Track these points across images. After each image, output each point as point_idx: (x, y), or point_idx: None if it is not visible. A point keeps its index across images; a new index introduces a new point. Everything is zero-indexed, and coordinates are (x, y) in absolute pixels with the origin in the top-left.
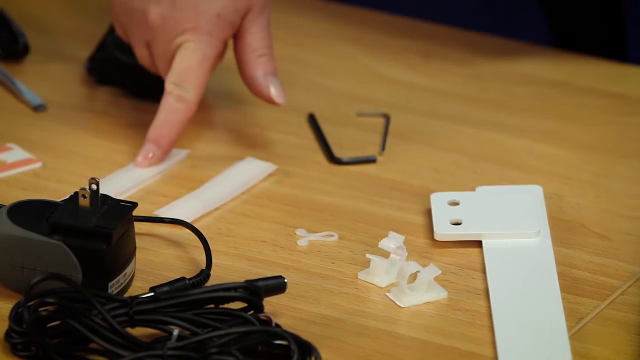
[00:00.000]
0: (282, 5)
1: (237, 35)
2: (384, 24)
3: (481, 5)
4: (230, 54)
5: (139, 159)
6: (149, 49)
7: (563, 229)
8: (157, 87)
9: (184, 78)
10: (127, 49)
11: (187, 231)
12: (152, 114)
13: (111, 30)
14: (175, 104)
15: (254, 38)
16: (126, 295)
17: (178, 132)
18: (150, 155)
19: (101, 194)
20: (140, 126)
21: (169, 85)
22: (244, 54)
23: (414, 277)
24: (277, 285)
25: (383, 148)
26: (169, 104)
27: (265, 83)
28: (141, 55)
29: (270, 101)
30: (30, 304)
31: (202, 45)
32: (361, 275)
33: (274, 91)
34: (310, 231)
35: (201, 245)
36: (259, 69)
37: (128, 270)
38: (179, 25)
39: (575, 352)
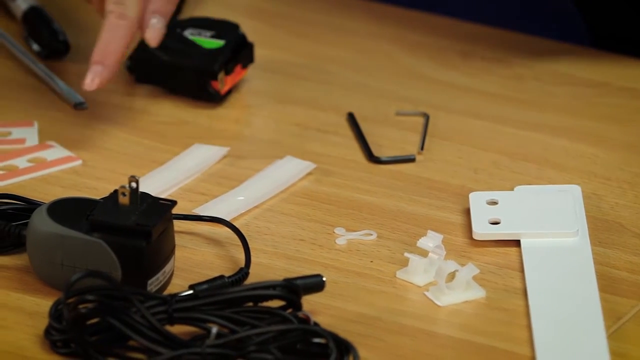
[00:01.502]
0: (322, 4)
1: None
2: (423, 23)
3: (520, 5)
4: (274, 56)
5: (87, 81)
6: None
7: (601, 228)
8: (197, 85)
9: None
10: (166, 48)
11: (227, 229)
12: (192, 112)
13: None
14: (117, 22)
15: None
16: (165, 293)
17: (122, 49)
18: (97, 77)
19: (141, 192)
20: (180, 124)
21: (109, 5)
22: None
23: (452, 276)
24: (315, 284)
25: (422, 147)
26: (111, 23)
27: (148, 18)
28: None
29: (142, 35)
30: (69, 301)
31: None
32: (399, 274)
33: (150, 28)
34: (349, 230)
35: (240, 243)
36: (152, 4)
37: (167, 268)
38: None
39: (613, 351)
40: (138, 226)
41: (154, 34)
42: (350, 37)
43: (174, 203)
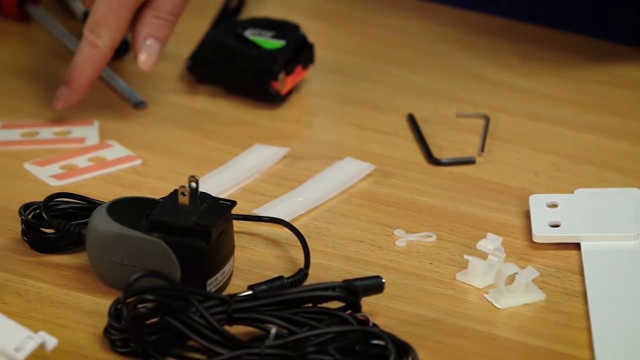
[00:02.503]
0: (384, 5)
1: None
2: (482, 24)
3: (580, 8)
4: (335, 56)
5: (54, 100)
6: None
7: None
8: (257, 86)
9: (99, 24)
10: (227, 48)
11: (286, 230)
12: (252, 112)
13: (212, 29)
14: (88, 49)
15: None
16: (224, 293)
17: (89, 76)
18: (63, 97)
19: (200, 192)
20: (240, 125)
21: (85, 31)
22: (146, 9)
23: (511, 278)
24: (374, 285)
25: (482, 149)
26: (83, 50)
27: (141, 43)
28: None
29: (137, 60)
30: (129, 300)
31: None
32: (459, 276)
33: (142, 55)
34: (408, 231)
35: (300, 244)
36: (146, 28)
37: (227, 268)
38: None
39: None
40: (198, 226)
41: (147, 57)
42: (411, 38)
43: (233, 203)
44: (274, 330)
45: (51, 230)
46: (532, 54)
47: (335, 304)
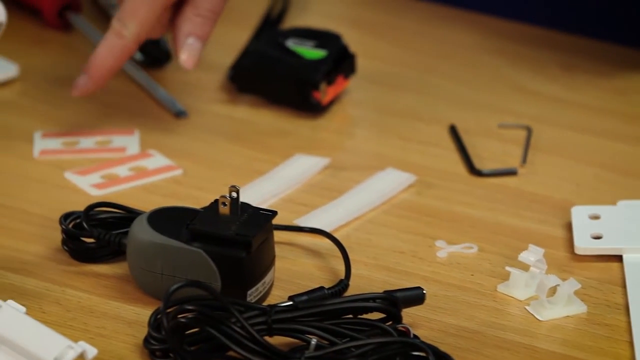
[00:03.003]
0: (426, 15)
1: None
2: (525, 35)
3: (622, 19)
4: (376, 66)
5: (72, 88)
6: None
7: None
8: (299, 95)
9: (128, 15)
10: (268, 58)
11: (327, 241)
12: (293, 122)
13: (254, 39)
14: (113, 39)
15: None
16: (265, 303)
17: (111, 66)
18: (81, 85)
19: (241, 202)
20: (281, 135)
21: (113, 21)
22: (186, 7)
23: (553, 290)
24: (415, 297)
25: (524, 160)
26: (108, 39)
27: (182, 41)
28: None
29: (178, 59)
30: (169, 310)
31: None
32: (500, 288)
33: (184, 52)
34: (449, 243)
35: (340, 255)
36: (187, 26)
37: (267, 278)
38: None
39: None
40: (238, 236)
41: (189, 56)
42: (452, 49)
43: (274, 213)
44: (314, 341)
45: (91, 240)
46: (575, 64)
47: (375, 315)
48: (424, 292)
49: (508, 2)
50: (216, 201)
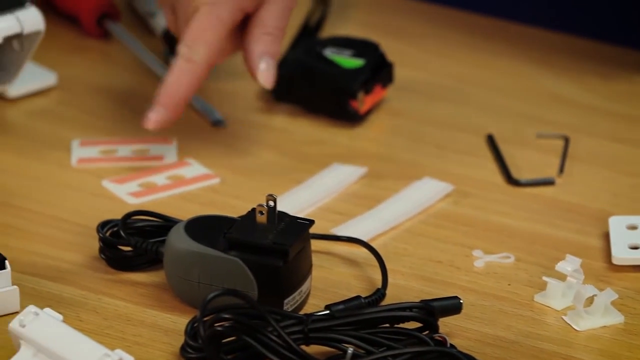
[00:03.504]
0: (464, 25)
1: (256, 9)
2: (563, 45)
3: None
4: (414, 76)
5: (145, 120)
6: (176, 13)
7: None
8: (336, 105)
9: (195, 39)
10: (306, 67)
11: (364, 250)
12: (331, 131)
13: (292, 48)
14: (183, 65)
15: (269, 15)
16: (302, 312)
17: (184, 94)
18: (155, 116)
19: (278, 211)
20: (319, 144)
21: (180, 47)
22: (253, 27)
23: (590, 300)
24: (452, 306)
25: (561, 170)
26: (178, 65)
27: (257, 61)
28: (168, 19)
29: (255, 79)
30: (206, 319)
31: (218, 9)
32: (537, 298)
33: (261, 72)
34: (486, 252)
35: (377, 264)
36: (258, 46)
37: (304, 287)
38: None
39: None
40: (275, 245)
41: (267, 79)
42: (490, 58)
43: (311, 222)
44: (350, 350)
45: (129, 248)
46: (613, 74)
47: (412, 325)
48: (461, 301)
49: (546, 12)
50: (253, 210)
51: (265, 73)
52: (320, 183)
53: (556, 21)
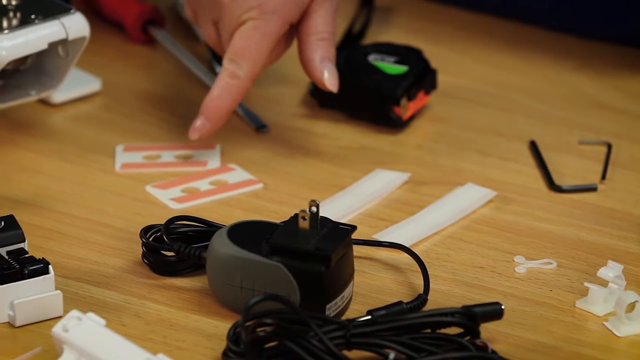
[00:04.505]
0: (507, 32)
1: (302, 17)
2: (606, 52)
3: None
4: (457, 82)
5: (190, 131)
6: (217, 28)
7: None
8: (379, 111)
9: (240, 54)
10: (349, 73)
11: (406, 255)
12: (374, 137)
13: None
14: (228, 80)
15: (319, 21)
16: (343, 317)
17: (227, 108)
18: (199, 127)
19: (321, 217)
20: (361, 149)
21: (225, 61)
22: (306, 36)
23: (632, 306)
24: (494, 312)
25: (604, 177)
26: (222, 80)
27: (320, 67)
28: (208, 34)
29: (322, 85)
30: (248, 324)
31: (263, 23)
32: (579, 304)
33: (327, 76)
34: (528, 258)
35: (419, 269)
36: (317, 52)
37: (346, 293)
38: (245, 3)
39: None
40: (318, 251)
41: (333, 84)
42: (533, 65)
43: (353, 228)
44: (392, 355)
45: (171, 253)
46: None
47: (454, 330)
48: (503, 307)
49: (590, 20)
50: (296, 215)
51: (330, 79)
52: (362, 189)
53: (597, 28)
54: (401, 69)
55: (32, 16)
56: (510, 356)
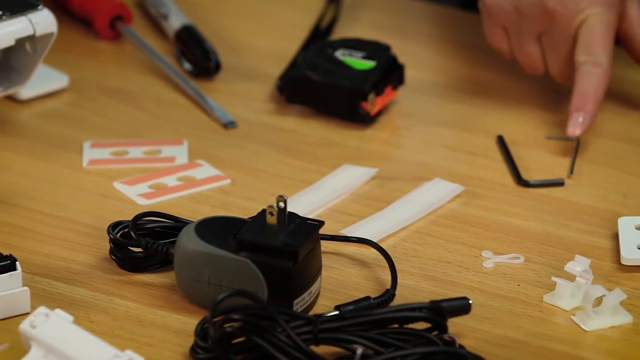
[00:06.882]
0: (474, 27)
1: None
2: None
3: None
4: (424, 77)
5: (570, 128)
6: (540, 42)
7: None
8: (347, 106)
9: (594, 46)
10: (317, 68)
11: (373, 250)
12: (341, 133)
13: (303, 49)
14: (592, 70)
15: (636, 12)
16: (311, 313)
17: (599, 95)
18: (580, 121)
19: (288, 212)
20: (329, 145)
21: (580, 57)
22: (632, 28)
23: (599, 300)
24: (461, 307)
25: (571, 171)
26: (586, 72)
27: None
28: (531, 51)
29: None
30: (215, 320)
31: (605, 15)
32: (546, 298)
33: None
34: (496, 253)
35: (387, 264)
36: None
37: (313, 288)
38: (577, 5)
39: None
40: (285, 246)
41: None
42: (501, 60)
43: (321, 223)
44: (360, 350)
45: (139, 249)
46: (624, 76)
47: (421, 325)
48: (470, 302)
49: None
50: (264, 211)
51: None
52: (330, 184)
53: None
54: (369, 64)
55: None
56: (478, 351)
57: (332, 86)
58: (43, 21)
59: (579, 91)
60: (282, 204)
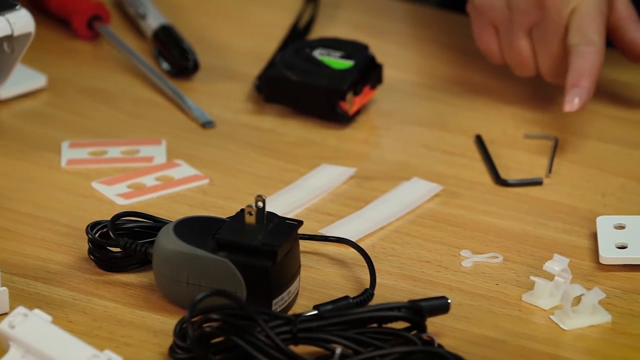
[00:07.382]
0: (453, 26)
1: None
2: None
3: None
4: (402, 77)
5: (566, 106)
6: (531, 37)
7: None
8: (325, 106)
9: (586, 28)
10: (295, 68)
11: (352, 250)
12: (320, 132)
13: (281, 49)
14: (585, 49)
15: (623, 5)
16: (290, 313)
17: (595, 72)
18: (576, 98)
19: (267, 212)
20: (308, 145)
21: (573, 39)
22: (619, 20)
23: (578, 300)
24: (440, 306)
25: (550, 170)
26: (579, 51)
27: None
28: (521, 47)
29: None
30: (194, 319)
31: (595, 3)
32: (525, 297)
33: None
34: (475, 252)
35: (365, 264)
36: (638, 32)
37: (292, 288)
38: None
39: None
40: (264, 246)
41: None
42: (479, 59)
43: (300, 223)
44: (339, 350)
45: (118, 249)
46: (602, 75)
47: (400, 325)
48: (449, 301)
49: None
50: (242, 211)
51: None
52: (308, 184)
53: None
54: (347, 64)
55: None
56: (457, 350)
57: (310, 86)
58: (21, 21)
59: (574, 68)
60: (260, 204)
